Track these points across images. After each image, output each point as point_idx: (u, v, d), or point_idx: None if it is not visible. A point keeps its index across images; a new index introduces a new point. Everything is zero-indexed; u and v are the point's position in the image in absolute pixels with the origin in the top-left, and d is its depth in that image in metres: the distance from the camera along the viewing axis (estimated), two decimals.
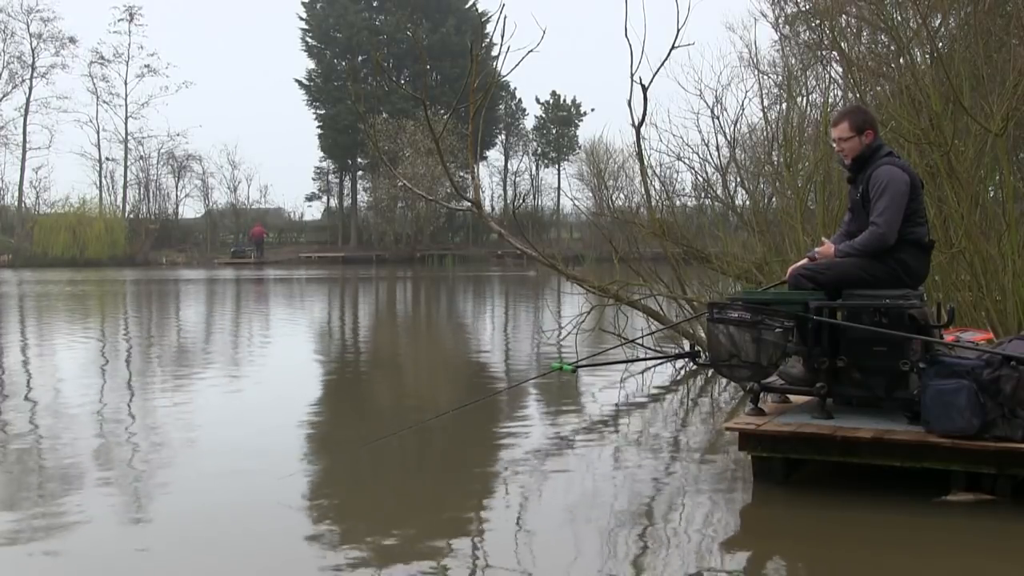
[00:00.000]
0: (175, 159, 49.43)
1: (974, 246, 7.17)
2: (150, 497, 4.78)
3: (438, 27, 47.63)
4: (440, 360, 11.32)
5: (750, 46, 19.73)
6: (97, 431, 6.35)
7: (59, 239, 42.76)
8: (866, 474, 4.75)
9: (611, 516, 4.33)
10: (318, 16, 49.05)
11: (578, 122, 52.11)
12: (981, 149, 7.53)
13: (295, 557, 3.86)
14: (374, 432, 6.30)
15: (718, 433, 6.10)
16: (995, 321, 6.96)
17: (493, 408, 7.19)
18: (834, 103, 10.06)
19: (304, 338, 13.52)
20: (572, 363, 6.43)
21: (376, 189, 47.32)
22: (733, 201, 11.58)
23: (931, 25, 8.48)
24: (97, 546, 4.03)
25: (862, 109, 5.40)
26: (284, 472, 5.12)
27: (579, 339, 9.61)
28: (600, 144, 40.85)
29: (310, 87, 49.69)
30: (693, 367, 8.49)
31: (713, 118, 11.22)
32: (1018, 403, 4.26)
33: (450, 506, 4.65)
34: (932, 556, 3.94)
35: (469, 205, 9.91)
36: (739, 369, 4.79)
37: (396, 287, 27.48)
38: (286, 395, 8.14)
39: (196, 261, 44.10)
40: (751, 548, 4.02)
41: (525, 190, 52.57)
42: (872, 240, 4.88)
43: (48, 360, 10.65)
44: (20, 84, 47.20)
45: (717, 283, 9.76)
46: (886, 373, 4.72)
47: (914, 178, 4.98)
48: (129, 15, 48.29)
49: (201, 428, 6.54)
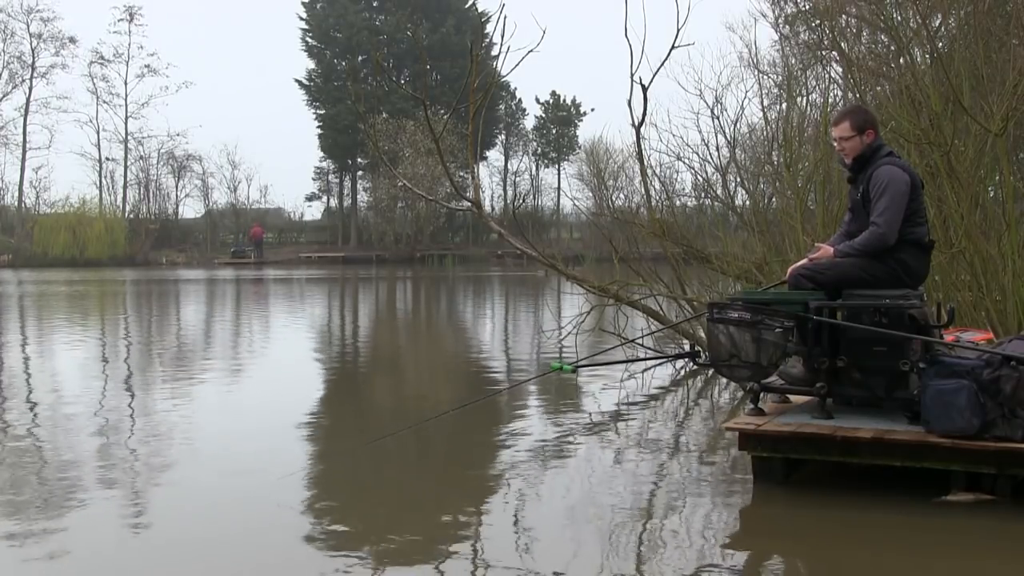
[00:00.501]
0: (175, 159, 49.53)
1: (974, 246, 7.16)
2: (150, 498, 4.78)
3: (438, 27, 47.64)
4: (440, 360, 11.32)
5: (750, 46, 19.78)
6: (97, 432, 6.34)
7: (59, 239, 42.76)
8: (866, 474, 4.75)
9: (611, 516, 4.33)
10: (318, 16, 49.06)
11: (578, 122, 52.16)
12: (981, 149, 7.52)
13: (295, 557, 3.86)
14: (374, 432, 6.30)
15: (718, 433, 6.09)
16: (995, 321, 6.96)
17: (493, 408, 7.19)
18: (834, 103, 10.07)
19: (304, 338, 13.52)
20: (572, 363, 6.43)
21: (376, 189, 47.34)
22: (733, 201, 11.58)
23: (931, 25, 8.48)
24: (97, 547, 4.03)
25: (863, 109, 5.40)
26: (284, 472, 5.12)
27: (579, 339, 9.61)
28: (600, 144, 40.93)
29: (310, 87, 49.70)
30: (693, 367, 8.49)
31: (713, 118, 11.23)
32: (1018, 403, 4.26)
33: (450, 506, 4.65)
34: (932, 556, 3.94)
35: (469, 205, 9.91)
36: (739, 369, 4.80)
37: (396, 287, 27.48)
38: (286, 395, 8.14)
39: (196, 261, 44.10)
40: (751, 548, 4.02)
41: (525, 190, 52.64)
42: (872, 240, 4.88)
43: (48, 361, 10.64)
44: (20, 84, 47.31)
45: (717, 283, 9.75)
46: (886, 373, 4.72)
47: (914, 178, 4.98)
48: (129, 15, 48.40)
49: (201, 428, 6.53)
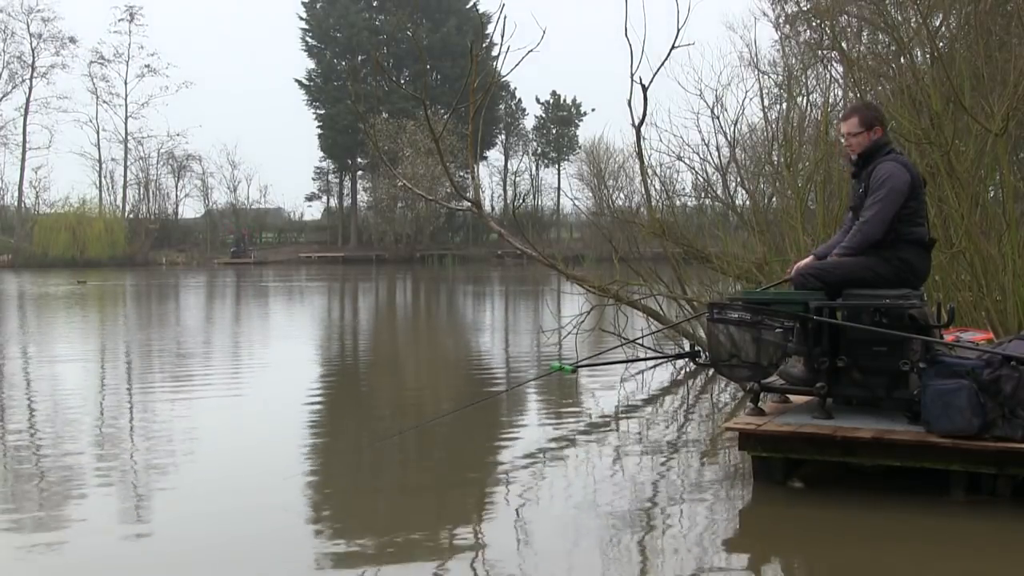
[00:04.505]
0: (175, 159, 49.53)
1: (974, 246, 7.16)
2: (151, 499, 4.78)
3: (439, 27, 47.66)
4: (441, 361, 11.32)
5: (750, 46, 19.88)
6: (97, 434, 6.35)
7: (59, 239, 42.76)
8: (866, 474, 4.75)
9: (611, 516, 4.32)
10: (318, 16, 49.07)
11: (578, 122, 52.16)
12: (981, 149, 7.52)
13: (295, 558, 3.86)
14: (375, 433, 6.30)
15: (718, 433, 6.09)
16: (995, 321, 6.96)
17: (493, 409, 7.19)
18: (834, 103, 10.09)
19: (304, 339, 13.52)
20: (572, 363, 6.43)
21: (376, 189, 47.34)
22: (733, 201, 11.60)
23: (931, 25, 8.48)
24: (98, 548, 4.03)
25: (872, 106, 5.42)
26: (284, 473, 5.12)
27: (579, 339, 9.60)
28: (600, 144, 41.07)
29: (310, 87, 49.70)
30: (693, 367, 8.49)
31: (713, 118, 11.24)
32: (1018, 403, 4.26)
33: (450, 506, 4.65)
34: (932, 556, 3.94)
35: (469, 205, 9.91)
36: (739, 369, 4.80)
37: (396, 287, 27.48)
38: (286, 396, 8.13)
39: (196, 261, 44.08)
40: (751, 548, 4.02)
41: (525, 190, 52.64)
42: (858, 237, 4.86)
43: (47, 361, 10.63)
44: (20, 84, 47.33)
45: (717, 283, 9.75)
46: (886, 373, 4.72)
47: (915, 177, 4.97)
48: (129, 15, 48.44)
49: (201, 429, 6.52)
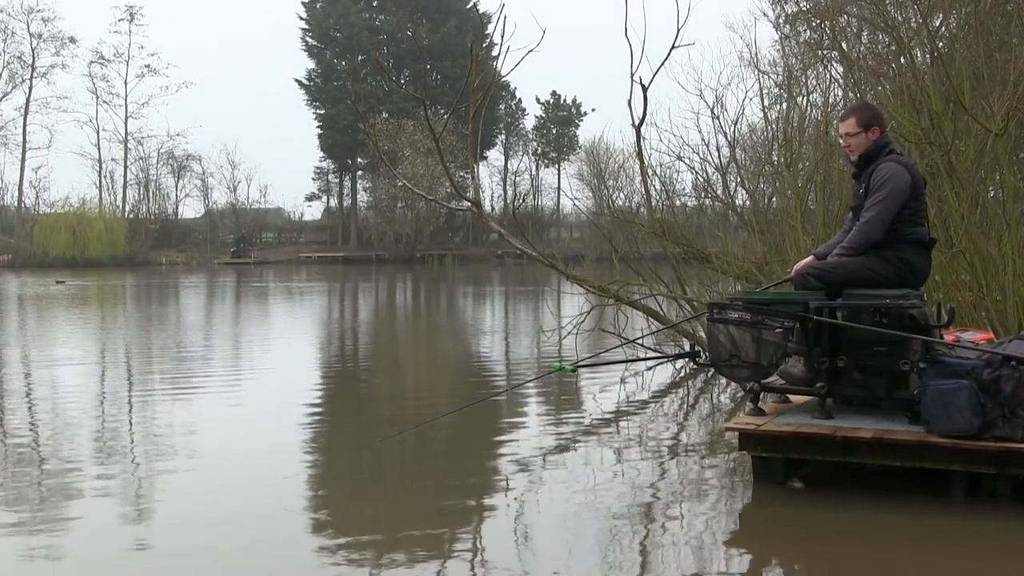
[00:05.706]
0: (175, 159, 49.38)
1: (974, 246, 7.16)
2: (151, 499, 4.78)
3: (439, 27, 47.63)
4: (441, 361, 11.32)
5: (750, 46, 19.91)
6: (97, 435, 6.34)
7: (59, 239, 42.68)
8: (866, 474, 4.75)
9: (611, 516, 4.32)
10: (318, 16, 49.03)
11: (578, 122, 52.09)
12: (981, 149, 7.52)
13: (295, 558, 3.86)
14: (375, 433, 6.30)
15: (718, 433, 6.09)
16: (995, 321, 6.96)
17: (493, 409, 7.19)
18: (834, 103, 10.08)
19: (304, 339, 13.51)
20: (572, 363, 6.43)
21: (376, 189, 47.29)
22: (733, 201, 11.59)
23: (931, 25, 8.48)
24: (98, 549, 4.03)
25: (870, 106, 5.40)
26: (284, 474, 5.12)
27: (579, 339, 9.60)
28: (600, 144, 41.04)
29: (310, 87, 49.64)
30: (693, 367, 8.49)
31: (713, 118, 11.24)
32: (1018, 403, 4.26)
33: (450, 506, 4.65)
34: (932, 556, 3.94)
35: (469, 205, 9.91)
36: (739, 369, 4.80)
37: (396, 288, 27.47)
38: (286, 396, 8.12)
39: (196, 261, 44.06)
40: (751, 548, 4.02)
41: (525, 190, 52.57)
42: (858, 237, 4.86)
43: (47, 363, 10.63)
44: (20, 84, 47.15)
45: (717, 283, 9.75)
46: (886, 373, 4.72)
47: (916, 177, 4.96)
48: (129, 15, 48.27)
49: (201, 430, 6.53)
